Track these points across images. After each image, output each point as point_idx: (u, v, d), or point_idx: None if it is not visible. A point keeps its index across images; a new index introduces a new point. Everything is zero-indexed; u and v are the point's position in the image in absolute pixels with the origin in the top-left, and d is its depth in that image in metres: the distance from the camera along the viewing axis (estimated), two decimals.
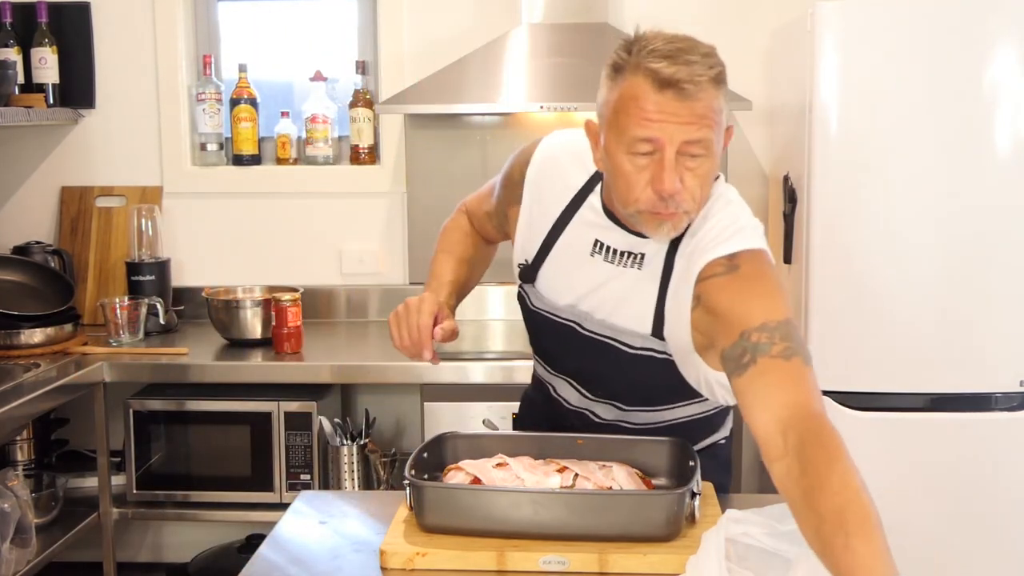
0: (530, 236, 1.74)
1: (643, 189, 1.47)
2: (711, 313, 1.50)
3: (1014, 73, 2.63)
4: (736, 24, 3.30)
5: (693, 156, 1.45)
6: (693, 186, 1.47)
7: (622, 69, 1.46)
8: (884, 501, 2.84)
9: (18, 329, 3.00)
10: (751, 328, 1.43)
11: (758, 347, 1.41)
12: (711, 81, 1.43)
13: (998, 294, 2.70)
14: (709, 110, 1.43)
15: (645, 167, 1.46)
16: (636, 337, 1.62)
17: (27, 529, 2.63)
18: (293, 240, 3.49)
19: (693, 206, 1.50)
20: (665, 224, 1.50)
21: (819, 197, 2.73)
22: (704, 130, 1.44)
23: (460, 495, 1.60)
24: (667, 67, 1.41)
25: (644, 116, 1.43)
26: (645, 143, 1.45)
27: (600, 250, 1.63)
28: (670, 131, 1.42)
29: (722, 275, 1.51)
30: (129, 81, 3.44)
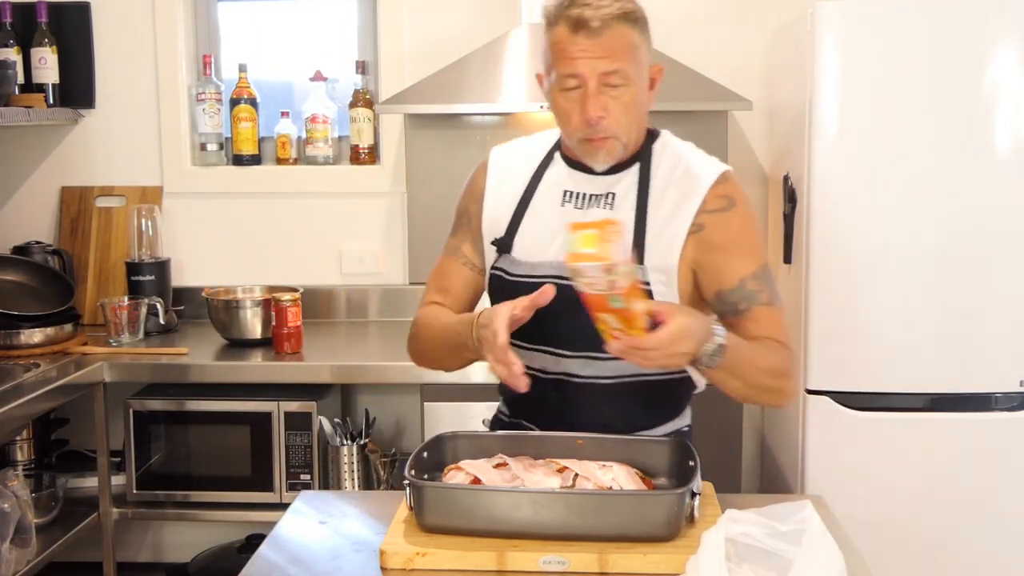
0: (497, 216, 1.84)
1: (577, 118, 1.69)
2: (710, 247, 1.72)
3: (1014, 73, 2.64)
4: (736, 24, 3.30)
5: (614, 86, 1.67)
6: (617, 112, 1.68)
7: (550, 21, 1.70)
8: (884, 501, 2.87)
9: (18, 329, 3.00)
10: (746, 276, 1.72)
11: (752, 296, 1.72)
12: (619, 18, 1.65)
13: (998, 294, 2.70)
14: (621, 44, 1.65)
15: (576, 100, 1.68)
16: None
17: (27, 529, 2.63)
18: (293, 240, 3.49)
19: (621, 131, 1.71)
20: (600, 151, 1.72)
21: (819, 197, 2.73)
22: (618, 62, 1.65)
23: (460, 495, 1.61)
24: (580, 11, 1.64)
25: (566, 56, 1.66)
26: (571, 79, 1.67)
27: (570, 198, 1.79)
28: (588, 65, 1.65)
29: (723, 211, 1.73)
30: (129, 81, 3.44)
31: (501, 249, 1.83)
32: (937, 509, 2.74)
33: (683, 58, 3.11)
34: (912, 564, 2.75)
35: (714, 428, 2.80)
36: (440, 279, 1.92)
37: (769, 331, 1.71)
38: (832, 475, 2.76)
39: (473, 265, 1.90)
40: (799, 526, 1.46)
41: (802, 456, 2.81)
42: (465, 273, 1.90)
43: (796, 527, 1.46)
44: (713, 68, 3.13)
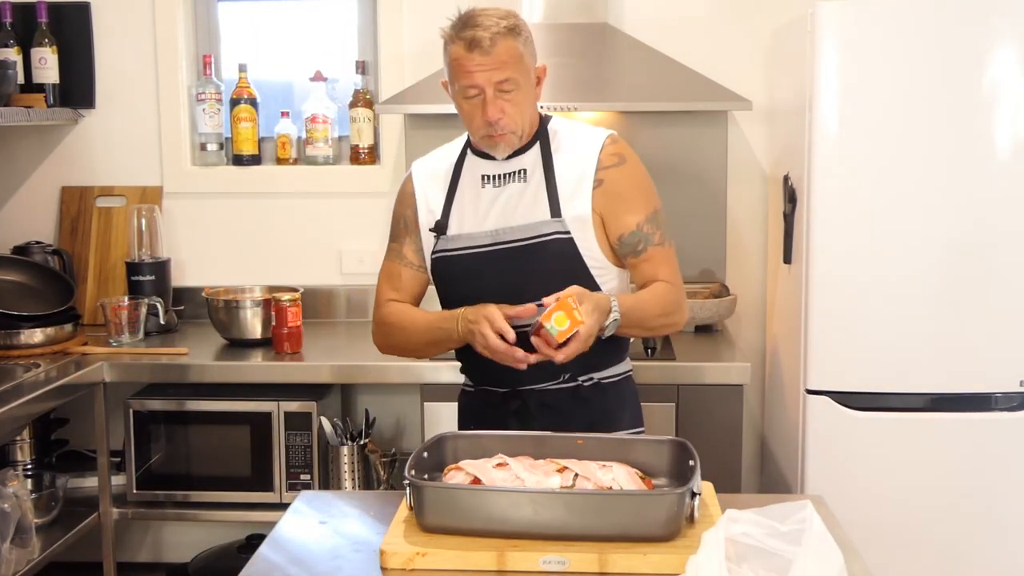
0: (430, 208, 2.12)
1: (478, 119, 1.99)
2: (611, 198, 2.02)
3: (1014, 73, 2.64)
4: (736, 24, 3.30)
5: (506, 91, 1.96)
6: (512, 111, 1.98)
7: (447, 41, 1.98)
8: (884, 501, 2.87)
9: (18, 329, 3.00)
10: (642, 220, 2.03)
11: (647, 237, 2.04)
12: (505, 34, 1.94)
13: (998, 294, 2.70)
14: (508, 56, 1.94)
15: (477, 105, 1.98)
16: (543, 225, 2.01)
17: (27, 529, 2.63)
18: (293, 240, 3.49)
19: (516, 126, 2.00)
20: (499, 144, 2.02)
21: (819, 197, 2.73)
22: (507, 71, 1.95)
23: (460, 495, 1.61)
24: (473, 32, 1.93)
25: (464, 71, 1.96)
26: (471, 88, 1.97)
27: (488, 180, 2.08)
28: (484, 77, 1.95)
29: (616, 166, 2.04)
30: (129, 81, 3.44)
31: (439, 231, 2.09)
32: (937, 509, 2.74)
33: (683, 58, 3.11)
34: (912, 564, 2.75)
35: (714, 428, 2.80)
36: (390, 279, 2.18)
37: (659, 270, 2.05)
38: (832, 475, 2.76)
39: (414, 264, 2.16)
40: (799, 526, 1.46)
41: (802, 456, 2.81)
42: (410, 274, 2.17)
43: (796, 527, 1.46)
44: (713, 68, 3.14)
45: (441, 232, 2.09)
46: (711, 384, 2.80)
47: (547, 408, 2.05)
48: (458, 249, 2.07)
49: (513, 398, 2.06)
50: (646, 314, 2.01)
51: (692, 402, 2.80)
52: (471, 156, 2.12)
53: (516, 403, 2.06)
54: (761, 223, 3.35)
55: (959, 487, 2.74)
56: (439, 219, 2.10)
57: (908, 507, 2.75)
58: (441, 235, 2.09)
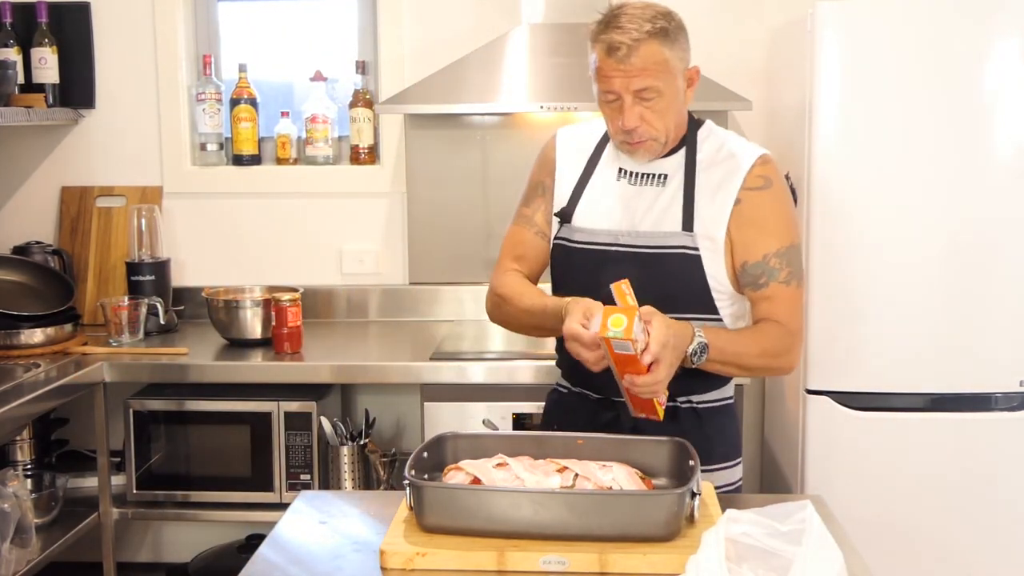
0: (561, 189, 2.03)
1: (615, 125, 1.90)
2: (747, 223, 1.91)
3: (1015, 73, 2.64)
4: (736, 24, 3.30)
5: (647, 99, 1.86)
6: (652, 119, 1.87)
7: (592, 41, 1.88)
8: (884, 501, 2.86)
9: (18, 329, 3.00)
10: (770, 253, 1.91)
11: (773, 272, 1.91)
12: (650, 38, 1.82)
13: (998, 294, 2.70)
14: (650, 62, 1.83)
15: (616, 109, 1.88)
16: (670, 237, 1.92)
17: (27, 529, 2.63)
18: (293, 240, 3.49)
19: (657, 133, 1.89)
20: (638, 151, 1.92)
21: (819, 197, 2.73)
22: (648, 79, 1.84)
23: (460, 495, 1.61)
24: (612, 36, 1.82)
25: (604, 75, 1.86)
26: (609, 94, 1.87)
27: (624, 175, 1.98)
28: (621, 83, 1.84)
29: (760, 189, 1.92)
30: (129, 81, 3.44)
31: (563, 219, 2.01)
32: (937, 509, 2.74)
33: None
34: (912, 564, 2.75)
35: None
36: (515, 247, 2.10)
37: (778, 310, 1.92)
38: (832, 475, 2.76)
39: (544, 235, 2.07)
40: (799, 526, 1.46)
41: (802, 456, 2.81)
42: (537, 242, 2.08)
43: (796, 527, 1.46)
44: (713, 68, 3.13)
45: (566, 220, 2.00)
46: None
47: (639, 426, 1.90)
48: (579, 242, 1.98)
49: (607, 408, 1.97)
50: (743, 351, 1.87)
51: None
52: (614, 145, 2.00)
53: (609, 415, 1.97)
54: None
55: (959, 487, 2.74)
56: (565, 206, 2.01)
57: (908, 507, 2.75)
58: (565, 222, 2.01)
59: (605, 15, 1.87)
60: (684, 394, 1.96)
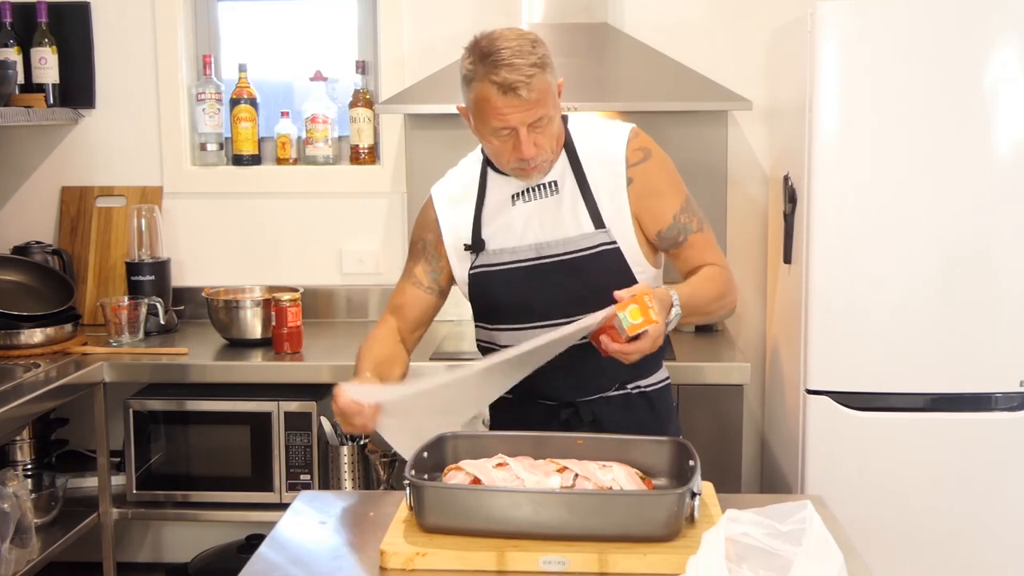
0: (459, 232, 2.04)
1: (509, 156, 1.90)
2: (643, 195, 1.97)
3: (1014, 73, 2.63)
4: (736, 24, 3.30)
5: (540, 127, 1.88)
6: (544, 143, 1.90)
7: (471, 79, 1.87)
8: (884, 501, 2.86)
9: (18, 329, 3.00)
10: (677, 211, 1.99)
11: (686, 227, 1.99)
12: (539, 71, 1.84)
13: (998, 294, 2.70)
14: (541, 94, 1.85)
15: (507, 140, 1.88)
16: (587, 238, 1.95)
17: (27, 529, 2.63)
18: (293, 240, 3.49)
19: (550, 154, 1.93)
20: (533, 175, 1.94)
21: (819, 197, 2.73)
22: (542, 109, 1.86)
23: (460, 495, 1.61)
24: (505, 75, 1.81)
25: (499, 114, 1.84)
26: (504, 130, 1.87)
27: (519, 196, 2.00)
28: (519, 118, 1.84)
29: (643, 162, 1.97)
30: (129, 81, 3.44)
31: (476, 249, 2.02)
32: (937, 509, 2.74)
33: (683, 58, 3.11)
34: (912, 564, 2.75)
35: (714, 428, 2.80)
36: (395, 298, 2.15)
37: (703, 255, 2.01)
38: (832, 475, 2.76)
39: (421, 284, 2.10)
40: (799, 526, 1.46)
41: (802, 456, 2.81)
42: (416, 294, 2.10)
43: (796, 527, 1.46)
44: (713, 68, 3.14)
45: (479, 249, 2.01)
46: (711, 384, 2.80)
47: (598, 419, 2.00)
48: (501, 264, 2.00)
49: (565, 407, 2.01)
50: (703, 299, 1.94)
51: (692, 402, 2.80)
52: (493, 175, 2.03)
53: (567, 412, 2.01)
54: (761, 223, 3.35)
55: (959, 487, 2.74)
56: (473, 237, 2.02)
57: (908, 507, 2.75)
58: (480, 251, 2.01)
59: (481, 51, 1.85)
60: (633, 380, 2.03)
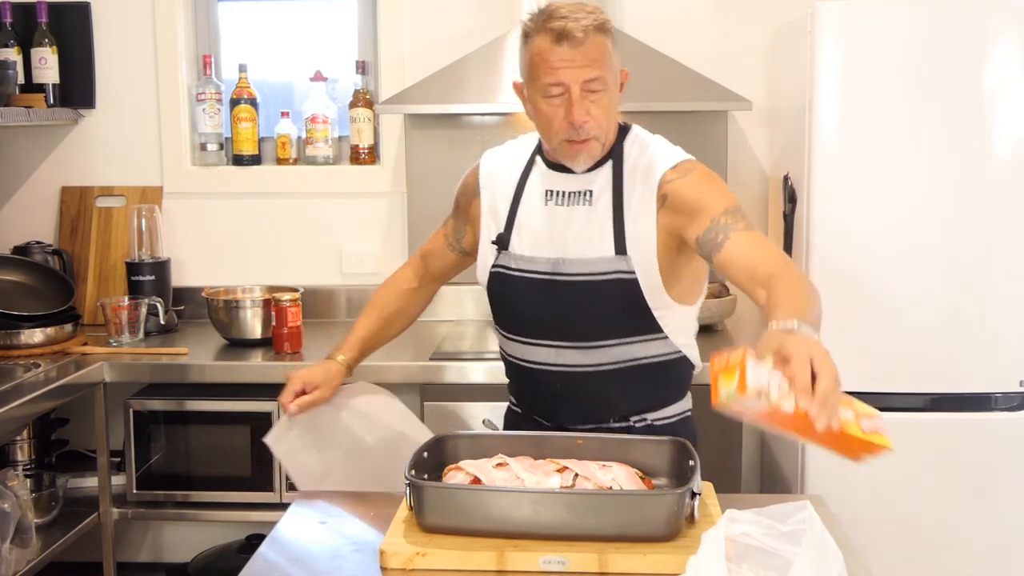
0: (495, 214, 1.98)
1: (560, 123, 1.80)
2: (679, 210, 1.82)
3: (1014, 73, 2.63)
4: (736, 24, 3.30)
5: (593, 92, 1.78)
6: (598, 114, 1.80)
7: (529, 34, 1.81)
8: (884, 501, 2.86)
9: (18, 329, 3.00)
10: (717, 214, 1.79)
11: (727, 227, 1.78)
12: (596, 30, 1.77)
13: (998, 294, 2.70)
14: (598, 53, 1.77)
15: (559, 105, 1.79)
16: (603, 262, 1.85)
17: (27, 529, 2.63)
18: (293, 240, 3.49)
19: (600, 132, 1.82)
20: (581, 153, 1.83)
21: (819, 197, 2.73)
22: (597, 69, 1.77)
23: (460, 495, 1.61)
24: (561, 23, 1.75)
25: (550, 66, 1.77)
26: (555, 87, 1.78)
27: (552, 196, 1.91)
28: (571, 74, 1.76)
29: (680, 179, 1.84)
30: (129, 81, 3.44)
31: (500, 246, 1.96)
32: (937, 509, 2.74)
33: (683, 58, 3.11)
34: (912, 564, 2.75)
35: (714, 428, 2.80)
36: (427, 244, 2.19)
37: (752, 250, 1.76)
38: (832, 475, 2.75)
39: (448, 239, 2.12)
40: (799, 526, 1.46)
41: (802, 456, 2.81)
42: (442, 244, 2.14)
43: (796, 527, 1.46)
44: (713, 68, 3.14)
45: (503, 247, 1.95)
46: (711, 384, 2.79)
47: None
48: (517, 270, 1.93)
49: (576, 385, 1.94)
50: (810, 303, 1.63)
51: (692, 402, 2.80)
52: (539, 165, 1.95)
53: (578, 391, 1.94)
54: (761, 223, 3.35)
55: (959, 487, 2.74)
56: (501, 232, 1.96)
57: (908, 507, 2.75)
58: (503, 250, 1.95)
59: (541, 10, 1.81)
60: (637, 412, 1.94)
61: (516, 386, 2.07)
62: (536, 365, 1.95)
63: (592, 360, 1.90)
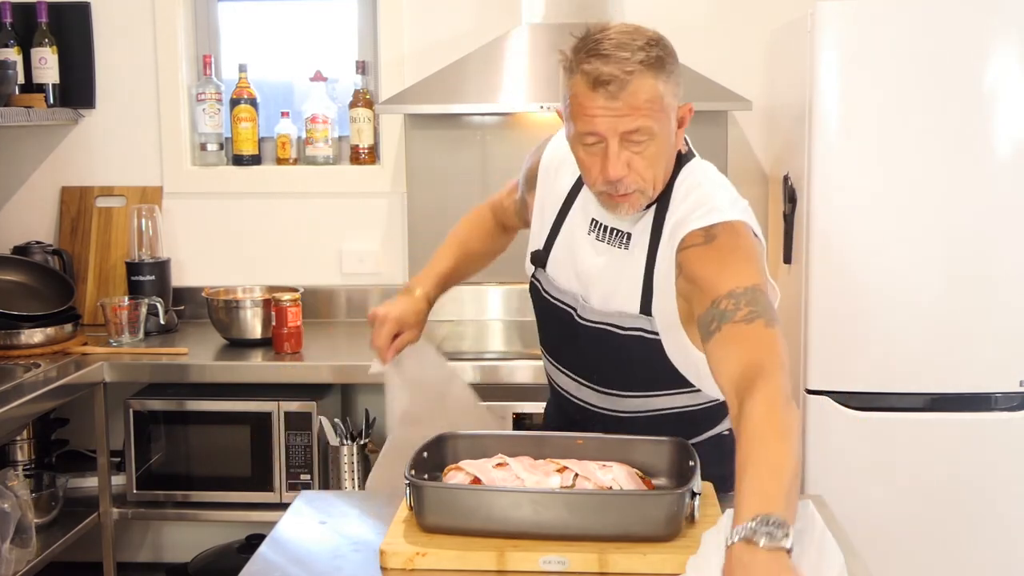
0: (542, 222, 1.84)
1: (597, 174, 1.60)
2: (690, 281, 1.59)
3: (1014, 73, 2.64)
4: (736, 24, 3.30)
5: (636, 142, 1.56)
6: (641, 167, 1.58)
7: (568, 70, 1.59)
8: (884, 501, 2.86)
9: (18, 329, 3.00)
10: (720, 296, 1.51)
11: (724, 314, 1.49)
12: (644, 71, 1.53)
13: (998, 294, 2.70)
14: (645, 100, 1.54)
15: (596, 154, 1.59)
16: (626, 318, 1.70)
17: (27, 529, 2.63)
18: (293, 240, 3.49)
19: (645, 184, 1.61)
20: (621, 206, 1.63)
21: (819, 197, 2.73)
22: (641, 119, 1.54)
23: (460, 495, 1.60)
24: (598, 66, 1.53)
25: (585, 113, 1.55)
26: (591, 136, 1.57)
27: (595, 228, 1.74)
28: (608, 124, 1.54)
29: (700, 245, 1.59)
30: (129, 81, 3.44)
31: (536, 263, 1.86)
32: (937, 509, 2.74)
33: (683, 58, 3.08)
34: (912, 564, 2.75)
35: None
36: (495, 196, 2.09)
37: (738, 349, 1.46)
38: (832, 475, 2.76)
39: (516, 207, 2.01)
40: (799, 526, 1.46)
41: (802, 456, 2.81)
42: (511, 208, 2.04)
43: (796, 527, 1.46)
44: (713, 68, 3.13)
45: (540, 264, 1.84)
46: None
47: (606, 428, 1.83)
48: (547, 293, 1.84)
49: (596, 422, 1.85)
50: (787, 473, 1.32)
51: None
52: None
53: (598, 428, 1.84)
54: (761, 223, 3.33)
55: (959, 487, 2.74)
56: (540, 249, 1.83)
57: (908, 507, 2.75)
58: (540, 267, 1.84)
59: (584, 39, 1.58)
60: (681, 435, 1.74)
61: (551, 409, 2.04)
62: (560, 389, 1.92)
63: (613, 406, 1.83)
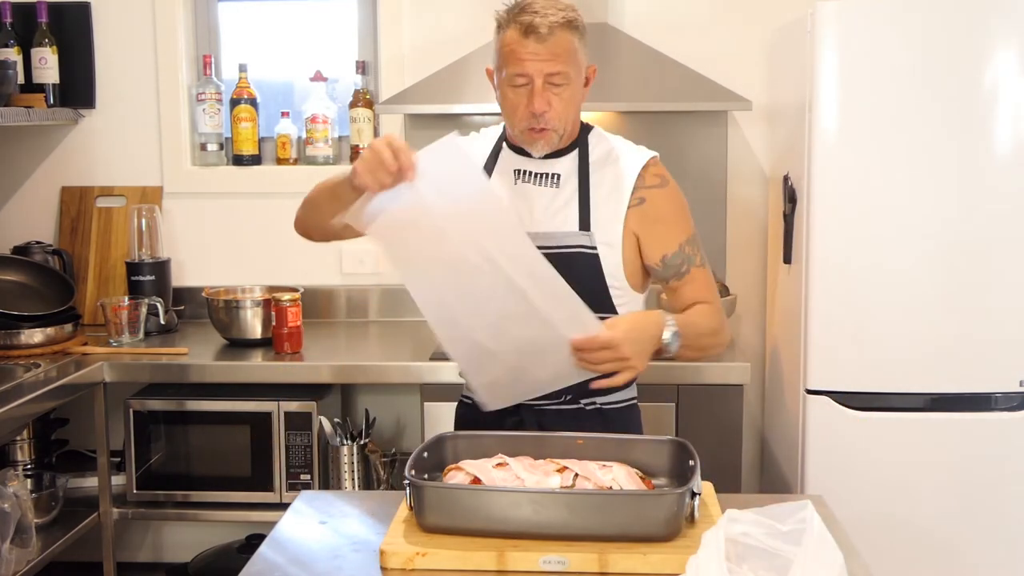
0: None
1: (523, 111, 1.91)
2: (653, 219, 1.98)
3: (1014, 73, 2.64)
4: (736, 24, 3.30)
5: (556, 85, 1.89)
6: (559, 106, 1.90)
7: (502, 25, 1.92)
8: (884, 500, 2.86)
9: (18, 329, 3.00)
10: (683, 241, 1.99)
11: (690, 258, 1.99)
12: (563, 26, 1.87)
13: (998, 294, 2.70)
14: (563, 49, 1.88)
15: (523, 95, 1.90)
16: (567, 237, 1.96)
17: (27, 529, 2.63)
18: (293, 240, 3.46)
19: (559, 124, 1.92)
20: (539, 140, 1.94)
21: (819, 197, 2.73)
22: (560, 64, 1.87)
23: (460, 495, 1.61)
24: (530, 18, 1.86)
25: (516, 58, 1.88)
26: (520, 77, 1.89)
27: (521, 175, 2.01)
28: (535, 67, 1.87)
29: (660, 187, 1.99)
30: (129, 81, 3.44)
31: None
32: (937, 509, 2.75)
33: (683, 58, 3.11)
34: (912, 564, 2.75)
35: (714, 428, 2.80)
36: None
37: (702, 291, 2.01)
38: (832, 475, 2.76)
39: None
40: (799, 526, 1.46)
41: (802, 456, 2.81)
42: None
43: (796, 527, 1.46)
44: (713, 68, 3.14)
45: None
46: (711, 384, 2.80)
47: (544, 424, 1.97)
48: None
49: (511, 414, 1.98)
50: (698, 331, 1.95)
51: (692, 402, 2.80)
52: (505, 150, 2.05)
53: (514, 419, 1.98)
54: (761, 223, 3.35)
55: (959, 487, 2.74)
56: None
57: (908, 507, 2.75)
58: None
59: (515, 4, 1.92)
60: (588, 396, 1.98)
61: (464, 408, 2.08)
62: None
63: None
